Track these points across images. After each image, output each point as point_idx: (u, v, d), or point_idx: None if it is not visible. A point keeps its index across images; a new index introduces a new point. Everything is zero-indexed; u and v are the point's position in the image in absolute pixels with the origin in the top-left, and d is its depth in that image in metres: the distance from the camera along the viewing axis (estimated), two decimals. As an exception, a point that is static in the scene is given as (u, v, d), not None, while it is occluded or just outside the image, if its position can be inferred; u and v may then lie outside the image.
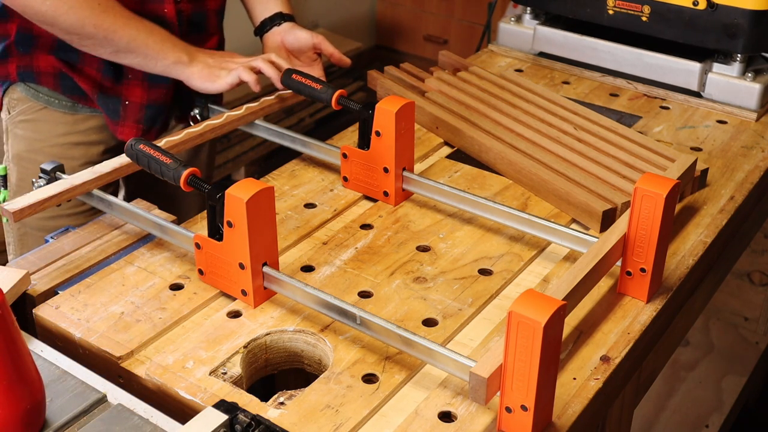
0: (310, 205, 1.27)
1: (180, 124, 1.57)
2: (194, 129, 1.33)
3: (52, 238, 1.19)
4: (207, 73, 1.40)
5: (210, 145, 1.68)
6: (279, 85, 1.42)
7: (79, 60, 1.43)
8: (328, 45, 1.54)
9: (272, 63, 1.43)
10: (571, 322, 1.03)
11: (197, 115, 1.47)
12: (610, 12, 1.63)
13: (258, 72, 1.42)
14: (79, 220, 1.45)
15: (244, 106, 1.41)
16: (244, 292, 1.05)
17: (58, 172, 1.20)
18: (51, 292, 1.09)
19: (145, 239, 1.19)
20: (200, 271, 1.09)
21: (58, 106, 1.47)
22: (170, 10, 1.44)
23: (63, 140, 1.49)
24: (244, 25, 1.65)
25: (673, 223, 1.11)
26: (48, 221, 1.45)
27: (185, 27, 1.48)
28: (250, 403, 0.91)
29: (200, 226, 1.21)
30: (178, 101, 1.53)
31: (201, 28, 1.52)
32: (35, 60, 1.44)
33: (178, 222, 1.19)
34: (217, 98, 1.53)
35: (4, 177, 1.31)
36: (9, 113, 1.50)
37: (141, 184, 1.51)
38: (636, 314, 1.05)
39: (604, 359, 0.98)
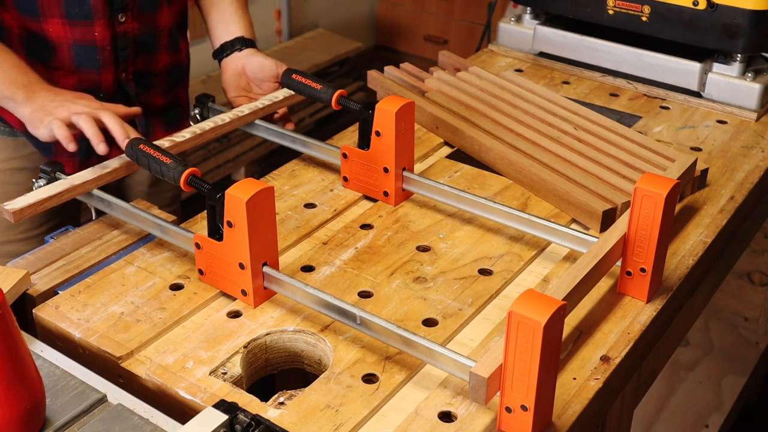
0: (310, 205, 1.27)
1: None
2: (194, 129, 1.33)
3: (52, 238, 1.19)
4: (35, 117, 1.21)
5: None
6: (122, 146, 1.20)
7: None
8: None
9: (99, 121, 1.21)
10: (571, 322, 1.03)
11: (197, 115, 1.47)
12: (610, 12, 1.63)
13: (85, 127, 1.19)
14: (31, 244, 1.41)
15: (245, 106, 1.41)
16: (244, 292, 1.05)
17: (58, 173, 1.20)
18: (51, 292, 1.09)
19: (145, 239, 1.19)
20: (200, 271, 1.09)
21: None
22: (101, 32, 1.33)
23: (4, 166, 1.43)
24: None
25: (673, 223, 1.11)
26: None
27: (131, 49, 1.39)
28: (250, 403, 0.91)
29: (200, 226, 1.21)
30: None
31: (151, 48, 1.43)
32: None
33: (178, 222, 1.19)
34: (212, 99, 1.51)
35: None
36: None
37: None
38: (636, 314, 1.05)
39: (604, 359, 0.98)
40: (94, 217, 1.23)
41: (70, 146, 1.18)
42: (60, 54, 1.34)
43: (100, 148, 1.18)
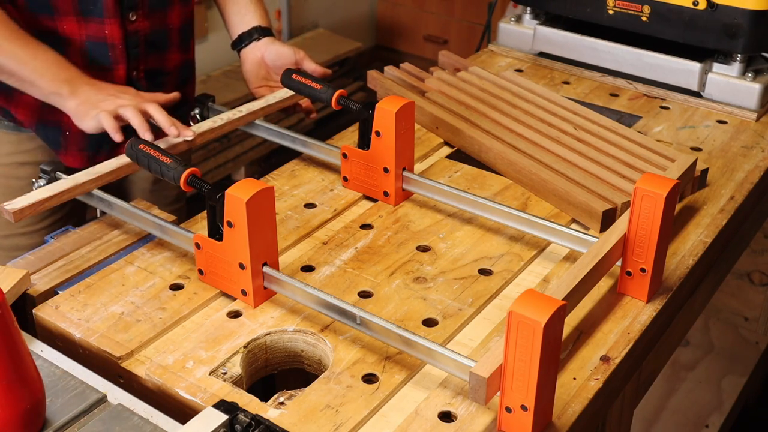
0: (310, 205, 1.27)
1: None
2: (194, 129, 1.33)
3: (52, 238, 1.19)
4: (82, 110, 1.25)
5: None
6: (169, 134, 1.27)
7: (14, 89, 1.33)
8: (310, 62, 1.49)
9: (144, 112, 1.25)
10: (571, 322, 1.03)
11: (197, 115, 1.47)
12: (610, 12, 1.63)
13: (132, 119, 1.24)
14: (35, 238, 1.42)
15: (245, 106, 1.41)
16: (244, 292, 1.05)
17: (58, 172, 1.20)
18: (51, 292, 1.09)
19: (145, 239, 1.19)
20: (200, 271, 1.09)
21: (2, 127, 1.41)
22: (112, 31, 1.34)
23: (8, 160, 1.43)
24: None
25: (673, 223, 1.11)
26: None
27: (142, 47, 1.40)
28: (250, 403, 0.91)
29: (200, 226, 1.21)
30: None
31: (162, 47, 1.44)
32: None
33: (180, 221, 1.19)
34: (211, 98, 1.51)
35: None
36: None
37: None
38: (636, 314, 1.05)
39: (604, 359, 0.98)
40: (98, 215, 1.24)
41: (117, 137, 1.23)
42: (73, 51, 1.35)
43: (147, 136, 1.23)
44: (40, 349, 0.97)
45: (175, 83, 1.51)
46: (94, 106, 1.25)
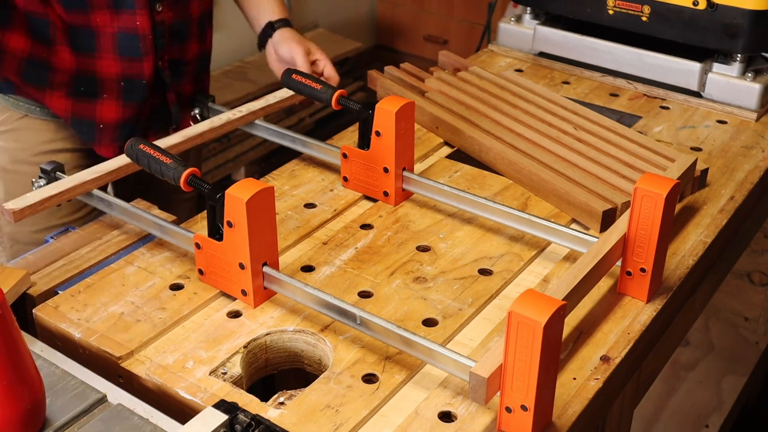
0: (310, 205, 1.27)
1: (158, 136, 1.49)
2: (194, 129, 1.33)
3: (52, 238, 1.19)
4: None
5: (197, 149, 1.64)
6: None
7: (47, 84, 1.37)
8: (329, 66, 1.52)
9: None
10: (571, 322, 1.03)
11: (197, 115, 1.47)
12: (610, 12, 1.63)
13: None
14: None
15: (245, 106, 1.41)
16: (244, 292, 1.05)
17: (58, 172, 1.20)
18: (51, 292, 1.09)
19: (145, 239, 1.19)
20: (200, 271, 1.09)
21: (39, 114, 1.43)
22: (143, 22, 1.37)
23: (48, 147, 1.45)
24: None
25: (673, 223, 1.11)
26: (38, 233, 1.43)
27: (167, 38, 1.42)
28: (250, 403, 0.91)
29: (200, 226, 1.21)
30: (156, 113, 1.49)
31: (183, 37, 1.47)
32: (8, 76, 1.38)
33: (177, 222, 1.19)
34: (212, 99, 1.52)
35: None
36: None
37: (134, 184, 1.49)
38: (636, 314, 1.05)
39: (604, 359, 0.98)
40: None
41: None
42: (104, 44, 1.37)
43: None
44: (40, 349, 0.97)
45: (194, 73, 1.53)
46: None
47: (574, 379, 0.95)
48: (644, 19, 1.60)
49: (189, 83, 1.52)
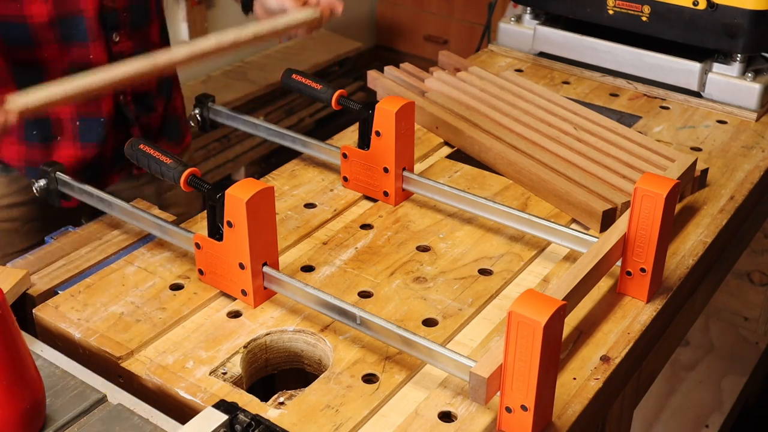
0: (310, 205, 1.27)
1: (123, 175, 1.43)
2: (202, 44, 1.21)
3: (52, 238, 1.19)
4: None
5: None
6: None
7: None
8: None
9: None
10: (571, 322, 1.03)
11: (197, 115, 1.47)
12: (610, 12, 1.63)
13: None
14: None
15: (251, 25, 1.29)
16: (244, 292, 1.05)
17: (58, 173, 1.19)
18: (51, 292, 1.09)
19: (145, 239, 1.19)
20: (200, 271, 1.09)
21: None
22: (97, 54, 1.28)
23: (2, 203, 1.37)
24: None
25: (673, 223, 1.11)
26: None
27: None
28: (250, 403, 0.91)
29: (200, 226, 1.21)
30: (121, 152, 1.29)
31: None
32: None
33: (178, 222, 1.19)
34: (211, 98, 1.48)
35: None
36: None
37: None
38: (636, 314, 1.05)
39: (604, 359, 0.98)
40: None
41: None
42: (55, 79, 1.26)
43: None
44: (40, 349, 0.97)
45: (162, 102, 1.46)
46: None
47: (574, 379, 0.95)
48: (644, 19, 1.60)
49: (158, 114, 1.44)
